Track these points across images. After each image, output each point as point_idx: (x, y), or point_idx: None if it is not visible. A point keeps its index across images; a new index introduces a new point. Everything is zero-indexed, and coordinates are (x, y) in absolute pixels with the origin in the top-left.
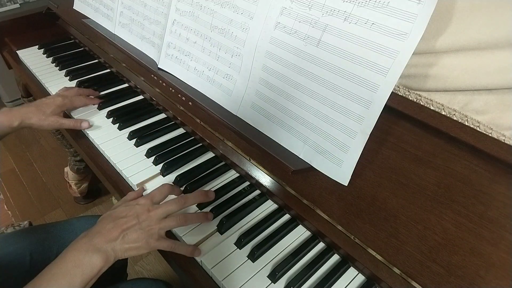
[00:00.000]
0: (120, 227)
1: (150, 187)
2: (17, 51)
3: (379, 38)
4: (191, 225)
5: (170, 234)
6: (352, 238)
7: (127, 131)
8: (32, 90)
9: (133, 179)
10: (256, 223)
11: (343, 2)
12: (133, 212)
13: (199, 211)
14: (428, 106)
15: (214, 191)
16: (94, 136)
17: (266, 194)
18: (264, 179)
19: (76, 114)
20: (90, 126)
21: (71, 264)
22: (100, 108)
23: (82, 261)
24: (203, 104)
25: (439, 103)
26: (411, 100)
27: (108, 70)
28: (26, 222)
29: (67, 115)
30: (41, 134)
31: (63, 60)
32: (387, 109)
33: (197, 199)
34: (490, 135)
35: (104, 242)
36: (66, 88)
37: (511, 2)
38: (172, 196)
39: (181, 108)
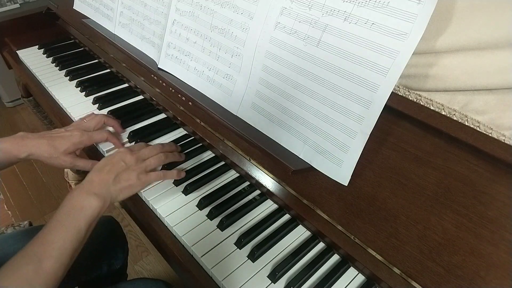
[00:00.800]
0: (109, 171)
1: (151, 188)
2: (17, 51)
3: (379, 38)
4: (191, 224)
5: (170, 235)
6: (352, 238)
7: (128, 131)
8: (32, 90)
9: None
10: (256, 223)
11: (343, 2)
12: (117, 158)
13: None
14: (428, 106)
15: (214, 191)
16: None
17: (266, 194)
18: (264, 179)
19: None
20: None
21: (73, 209)
22: (100, 108)
23: (83, 204)
24: (203, 104)
25: (439, 103)
26: (411, 100)
27: (108, 70)
28: (26, 222)
29: None
30: None
31: (63, 60)
32: (387, 109)
33: (172, 148)
34: (490, 135)
35: (99, 187)
36: (91, 117)
37: (511, 2)
38: None
39: (181, 108)
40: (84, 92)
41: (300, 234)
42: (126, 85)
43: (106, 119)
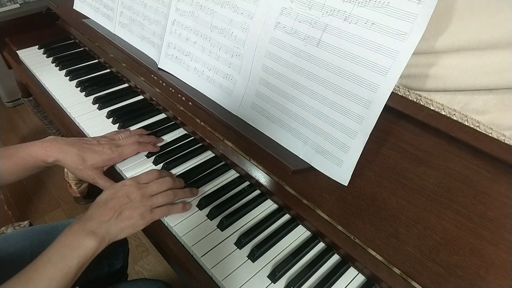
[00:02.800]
0: (112, 208)
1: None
2: (17, 51)
3: (379, 38)
4: (191, 225)
5: (170, 235)
6: (352, 238)
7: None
8: (32, 90)
9: None
10: (256, 223)
11: (343, 2)
12: (122, 192)
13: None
14: (428, 106)
15: (214, 191)
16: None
17: (266, 194)
18: (264, 179)
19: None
20: None
21: (66, 247)
22: (100, 108)
23: (77, 244)
24: (203, 104)
25: (439, 103)
26: (411, 100)
27: (108, 70)
28: (26, 222)
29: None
30: (41, 134)
31: (63, 60)
32: (387, 109)
33: (182, 184)
34: (490, 135)
35: (98, 225)
36: (127, 136)
37: (511, 2)
38: None
39: (181, 108)
40: (84, 92)
41: (300, 234)
42: (126, 85)
43: (142, 139)
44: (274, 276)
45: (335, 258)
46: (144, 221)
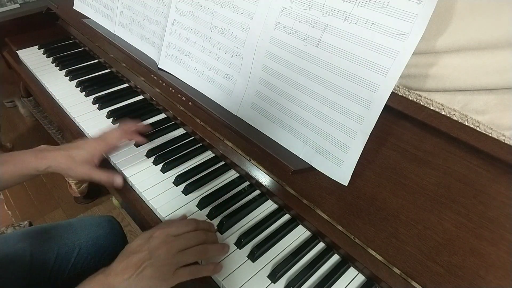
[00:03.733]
0: (135, 264)
1: (151, 188)
2: (17, 51)
3: (379, 38)
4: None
5: None
6: (352, 238)
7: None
8: (32, 90)
9: (133, 180)
10: (256, 223)
11: (343, 2)
12: (147, 246)
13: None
14: (428, 106)
15: (214, 191)
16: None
17: (266, 194)
18: (264, 179)
19: (76, 115)
20: (122, 184)
21: None
22: (100, 108)
23: None
24: (203, 104)
25: (439, 103)
26: (411, 100)
27: (108, 70)
28: (26, 222)
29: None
30: (41, 134)
31: (63, 60)
32: (387, 109)
33: (219, 251)
34: (490, 135)
35: (119, 281)
36: (113, 129)
37: (511, 2)
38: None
39: (181, 108)
40: (84, 92)
41: (300, 234)
42: (126, 85)
43: (126, 127)
44: (274, 276)
45: (335, 258)
46: (166, 283)
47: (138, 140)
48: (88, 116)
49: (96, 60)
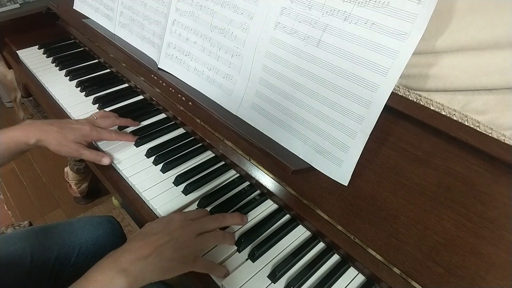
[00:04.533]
0: (152, 244)
1: (151, 188)
2: (17, 51)
3: (379, 38)
4: None
5: None
6: (352, 238)
7: (127, 131)
8: (32, 90)
9: (133, 179)
10: (256, 223)
11: (343, 2)
12: (166, 228)
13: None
14: (428, 106)
15: (214, 191)
16: None
17: (266, 194)
18: (264, 179)
19: (74, 113)
20: (111, 162)
21: (92, 286)
22: (100, 108)
23: (105, 284)
24: (203, 104)
25: (439, 103)
26: (411, 100)
27: (108, 70)
28: (26, 222)
29: None
30: None
31: (63, 60)
32: (387, 109)
33: (235, 220)
34: (490, 135)
35: (133, 261)
36: (102, 114)
37: (511, 2)
38: None
39: (181, 108)
40: (84, 92)
41: (300, 234)
42: (126, 85)
43: (119, 121)
44: (274, 276)
45: (335, 258)
46: (185, 267)
47: (130, 140)
48: (88, 116)
49: (96, 60)
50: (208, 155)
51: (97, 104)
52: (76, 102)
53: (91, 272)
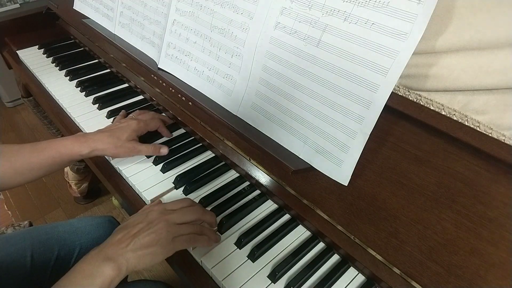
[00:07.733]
0: (133, 234)
1: (151, 188)
2: (17, 51)
3: (379, 38)
4: None
5: None
6: (352, 238)
7: None
8: (32, 90)
9: (133, 179)
10: (256, 223)
11: (343, 2)
12: (144, 218)
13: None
14: (428, 106)
15: (214, 191)
16: None
17: (266, 194)
18: (264, 179)
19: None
20: (168, 152)
21: (80, 275)
22: (100, 108)
23: (92, 271)
24: (203, 104)
25: (439, 103)
26: (411, 100)
27: (108, 70)
28: (26, 222)
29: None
30: (41, 134)
31: (63, 60)
32: (387, 109)
33: (211, 220)
34: (490, 135)
35: (115, 251)
36: (140, 112)
37: (511, 2)
38: None
39: (181, 108)
40: (84, 92)
41: (300, 234)
42: (126, 85)
43: (157, 115)
44: (274, 276)
45: (335, 258)
46: (164, 249)
47: (167, 136)
48: (88, 116)
49: (96, 60)
50: (208, 155)
51: (97, 104)
52: (76, 102)
53: (78, 264)
